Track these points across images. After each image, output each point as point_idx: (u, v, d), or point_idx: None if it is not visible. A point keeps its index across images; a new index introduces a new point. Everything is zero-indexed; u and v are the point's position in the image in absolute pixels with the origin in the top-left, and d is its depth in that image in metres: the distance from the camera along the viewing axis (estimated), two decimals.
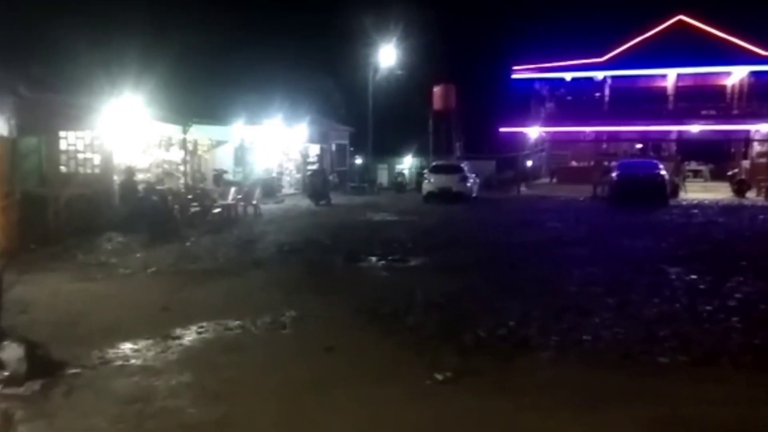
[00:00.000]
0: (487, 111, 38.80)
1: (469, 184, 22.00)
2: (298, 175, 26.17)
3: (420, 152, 37.59)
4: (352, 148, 33.94)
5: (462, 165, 23.37)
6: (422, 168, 30.86)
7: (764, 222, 14.29)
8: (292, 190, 24.91)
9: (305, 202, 20.42)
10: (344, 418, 3.80)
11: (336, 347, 5.07)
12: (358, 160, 35.91)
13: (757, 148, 26.79)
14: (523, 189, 27.12)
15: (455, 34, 42.39)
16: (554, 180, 31.93)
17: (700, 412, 3.78)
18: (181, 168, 18.05)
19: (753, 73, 28.87)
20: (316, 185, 21.00)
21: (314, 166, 25.30)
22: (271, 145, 23.55)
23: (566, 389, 4.18)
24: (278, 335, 5.52)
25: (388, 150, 37.96)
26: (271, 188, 21.53)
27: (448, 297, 6.73)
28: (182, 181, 17.66)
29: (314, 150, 27.75)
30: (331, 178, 25.45)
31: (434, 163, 24.70)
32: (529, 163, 33.91)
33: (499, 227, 13.85)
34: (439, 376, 4.35)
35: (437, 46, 35.22)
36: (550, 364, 4.69)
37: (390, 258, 9.44)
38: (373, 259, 9.48)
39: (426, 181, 22.49)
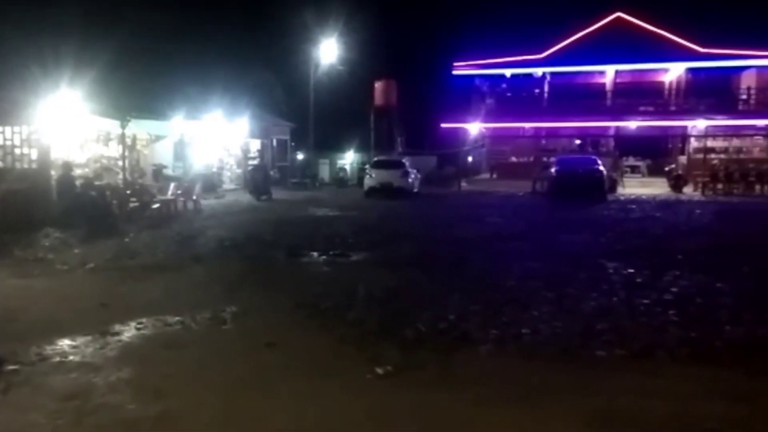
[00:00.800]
0: (428, 107, 39.08)
1: (410, 180, 22.15)
2: (239, 171, 25.71)
3: (362, 148, 37.59)
4: (293, 144, 33.62)
5: (403, 160, 23.52)
6: (364, 163, 30.87)
7: (700, 217, 14.87)
8: (233, 186, 24.49)
9: (246, 198, 20.12)
10: (285, 413, 3.75)
11: (277, 342, 5.00)
12: (300, 156, 35.61)
13: (693, 143, 27.78)
14: (464, 184, 27.41)
15: (397, 30, 42.47)
16: (494, 176, 32.42)
17: (635, 404, 3.83)
18: (120, 163, 17.57)
19: (690, 70, 29.87)
20: (258, 180, 20.72)
21: (255, 161, 24.92)
22: (212, 140, 23.07)
23: (506, 382, 4.19)
24: (218, 331, 5.42)
25: (330, 145, 37.86)
26: (211, 183, 21.09)
27: (390, 292, 6.68)
28: (121, 176, 17.20)
29: (255, 145, 27.35)
30: (272, 173, 25.18)
31: (376, 159, 24.77)
32: (470, 159, 34.32)
33: (440, 222, 13.95)
34: (380, 371, 4.32)
35: (379, 41, 35.27)
36: (490, 358, 4.70)
37: (332, 253, 9.34)
38: (315, 254, 9.37)
39: (367, 176, 22.52)
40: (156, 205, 14.90)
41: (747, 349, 4.83)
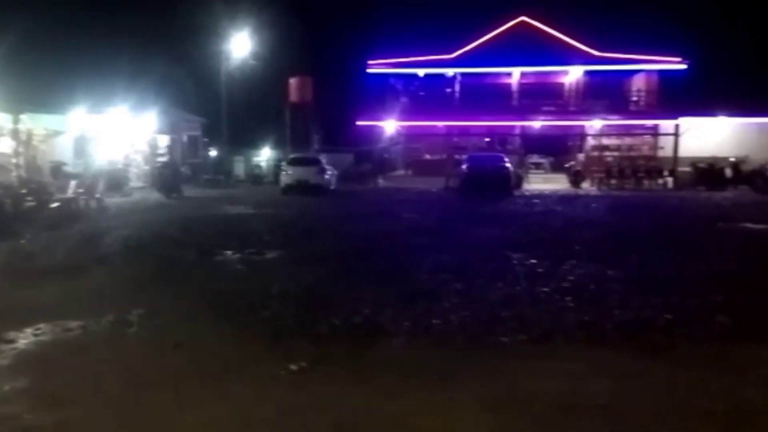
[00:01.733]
0: (345, 104, 39.13)
1: (327, 177, 22.21)
2: (147, 168, 24.77)
3: (278, 144, 37.16)
4: (206, 140, 32.72)
5: (320, 157, 23.59)
6: (280, 160, 30.54)
7: (596, 210, 15.83)
8: (140, 183, 23.56)
9: (155, 196, 19.43)
10: (193, 414, 3.68)
11: (185, 343, 4.91)
12: (213, 152, 34.72)
13: (591, 142, 29.45)
14: (380, 181, 27.77)
15: (312, 26, 42.31)
16: (410, 172, 32.98)
17: (536, 385, 4.07)
18: (14, 160, 16.52)
19: (587, 73, 31.61)
20: (167, 178, 20.09)
21: (164, 158, 24.14)
22: (117, 136, 22.09)
23: (417, 371, 4.33)
24: (123, 334, 5.23)
25: (245, 142, 37.17)
26: (116, 181, 20.19)
27: (305, 288, 6.71)
28: (15, 174, 16.19)
29: (164, 141, 26.41)
30: (183, 170, 24.48)
31: (292, 156, 24.64)
32: (387, 156, 34.74)
33: (356, 218, 14.08)
34: (293, 367, 4.34)
35: (294, 37, 34.93)
36: (402, 349, 4.84)
37: (246, 251, 9.24)
38: (228, 252, 9.23)
39: (284, 173, 22.37)
40: (55, 204, 14.14)
41: (633, 331, 5.25)
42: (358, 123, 32.70)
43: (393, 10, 53.93)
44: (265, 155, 39.57)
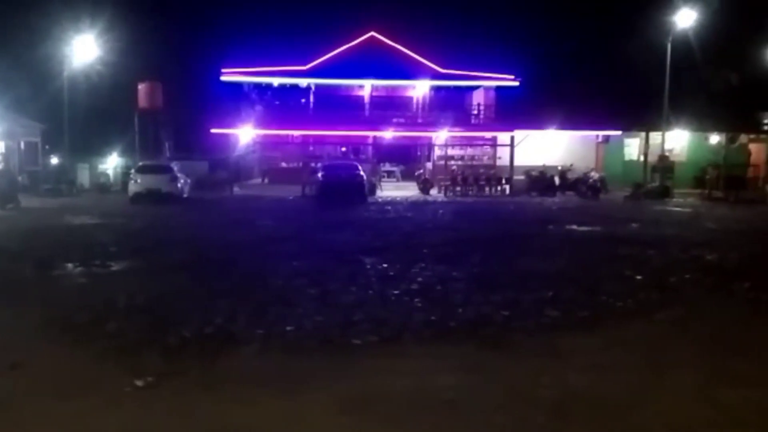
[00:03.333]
0: (198, 111, 37.77)
1: (179, 185, 21.44)
2: None
3: (127, 152, 35.06)
4: (47, 147, 30.04)
5: (172, 165, 22.69)
6: (129, 168, 28.81)
7: (443, 215, 16.71)
8: None
9: None
10: None
11: (23, 363, 4.52)
12: (55, 160, 31.95)
13: (437, 152, 31.10)
14: (236, 189, 27.19)
15: (164, 32, 40.29)
16: (266, 180, 32.62)
17: (385, 384, 4.24)
18: None
19: (433, 87, 33.51)
20: (2, 187, 18.23)
21: None
22: None
23: (269, 378, 4.34)
24: None
25: (91, 149, 34.72)
26: None
27: (154, 300, 6.45)
28: None
29: None
30: (20, 178, 22.31)
31: (141, 163, 23.41)
32: (242, 164, 34.07)
33: (210, 227, 13.72)
34: (140, 382, 4.17)
35: (144, 42, 33.22)
36: (254, 356, 4.81)
37: (90, 263, 8.64)
38: (70, 265, 8.58)
39: (132, 181, 21.19)
40: None
41: (475, 327, 5.65)
42: (213, 131, 31.77)
43: (247, 19, 53.25)
44: (112, 163, 37.17)
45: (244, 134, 32.09)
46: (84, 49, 26.89)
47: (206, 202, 21.41)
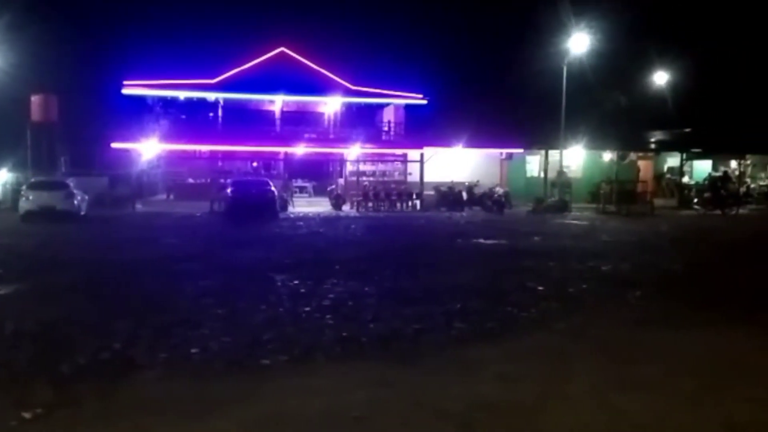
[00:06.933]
0: (98, 125, 35.90)
1: (76, 202, 20.27)
2: None
3: (19, 167, 32.71)
4: None
5: (68, 181, 21.44)
6: (21, 184, 26.89)
7: (355, 231, 16.73)
8: None
9: None
10: None
11: None
12: None
13: (349, 167, 31.23)
14: (138, 206, 26.03)
15: (60, 42, 38.13)
16: (171, 197, 31.46)
17: (297, 404, 4.17)
18: None
19: (344, 104, 33.70)
20: None
21: None
22: None
23: (172, 405, 4.16)
24: None
25: None
26: None
27: (46, 325, 6.03)
28: None
29: None
30: None
31: (33, 179, 21.98)
32: (146, 180, 32.70)
33: (110, 246, 13.03)
34: (27, 414, 3.88)
35: (38, 52, 31.27)
36: (156, 382, 4.60)
37: None
38: None
39: (23, 198, 19.81)
40: None
41: (386, 341, 5.69)
42: (114, 145, 30.32)
43: (152, 30, 51.45)
44: (1, 178, 34.56)
45: (148, 149, 30.84)
46: None
47: (106, 220, 20.33)
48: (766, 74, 35.85)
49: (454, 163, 29.37)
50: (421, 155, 28.40)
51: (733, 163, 32.59)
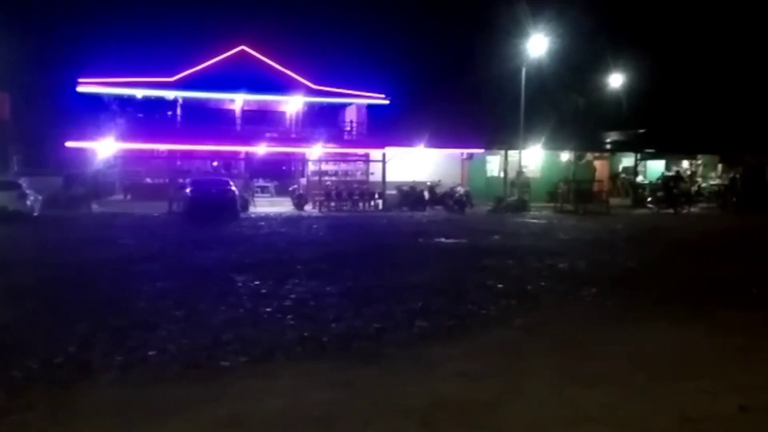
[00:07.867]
0: (52, 123, 34.88)
1: (28, 202, 19.72)
2: None
3: None
4: None
5: (20, 181, 20.84)
6: None
7: (317, 231, 16.66)
8: None
9: None
10: None
11: None
12: None
13: (311, 167, 31.06)
14: (94, 207, 25.38)
15: (11, 38, 36.89)
16: (129, 197, 30.79)
17: (258, 406, 4.14)
18: None
19: (306, 103, 33.52)
20: None
21: None
22: None
23: (128, 408, 4.08)
24: None
25: None
26: None
27: None
28: None
29: None
30: None
31: None
32: (102, 180, 31.91)
33: (64, 247, 12.67)
34: None
35: None
36: (112, 386, 4.50)
37: None
38: None
39: None
40: None
41: (348, 341, 5.69)
42: (68, 144, 29.49)
43: (109, 27, 50.21)
44: None
45: (105, 148, 30.10)
46: None
47: (60, 221, 19.77)
48: (718, 76, 37.10)
49: (416, 163, 29.53)
50: (383, 155, 28.46)
51: (685, 163, 33.67)
